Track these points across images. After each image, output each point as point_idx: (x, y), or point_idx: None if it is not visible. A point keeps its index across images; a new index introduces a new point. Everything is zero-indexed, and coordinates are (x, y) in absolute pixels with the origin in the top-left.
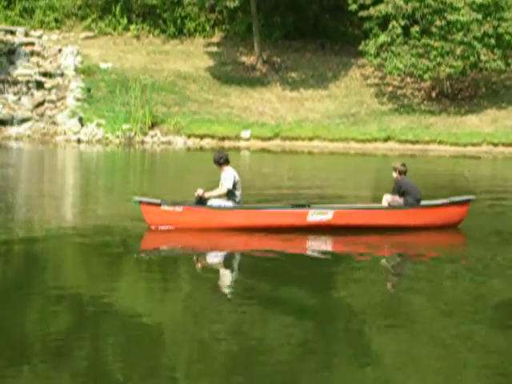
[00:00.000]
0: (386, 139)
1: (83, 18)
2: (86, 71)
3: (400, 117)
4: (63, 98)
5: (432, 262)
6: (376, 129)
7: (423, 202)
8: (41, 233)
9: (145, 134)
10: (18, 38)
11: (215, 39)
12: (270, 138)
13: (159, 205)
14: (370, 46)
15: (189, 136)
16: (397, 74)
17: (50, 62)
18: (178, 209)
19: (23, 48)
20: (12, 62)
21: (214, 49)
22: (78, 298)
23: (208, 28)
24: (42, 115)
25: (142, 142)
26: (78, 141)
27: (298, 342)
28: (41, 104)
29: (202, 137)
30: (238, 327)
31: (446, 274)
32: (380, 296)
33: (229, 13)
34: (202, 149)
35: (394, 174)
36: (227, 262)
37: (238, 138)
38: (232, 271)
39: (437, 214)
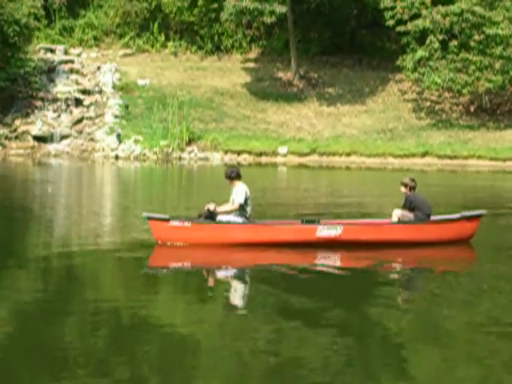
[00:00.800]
0: (424, 154)
1: (121, 36)
2: (124, 88)
3: (438, 132)
4: (102, 114)
5: (451, 276)
6: (414, 144)
7: (433, 217)
8: (79, 247)
9: (182, 150)
10: (58, 56)
11: (252, 55)
12: (307, 154)
13: (168, 220)
14: (408, 60)
15: (226, 152)
16: (435, 88)
17: (89, 80)
18: (187, 224)
19: (63, 66)
20: (52, 80)
21: (251, 65)
22: (116, 311)
23: (245, 44)
24: (80, 132)
25: (180, 158)
26: (116, 157)
27: (335, 358)
28: (79, 121)
29: (239, 153)
30: (274, 341)
31: (468, 290)
32: (410, 312)
33: (266, 29)
34: (239, 165)
35: (403, 189)
36: (253, 278)
37: (275, 153)
38: (258, 286)
39: (447, 229)
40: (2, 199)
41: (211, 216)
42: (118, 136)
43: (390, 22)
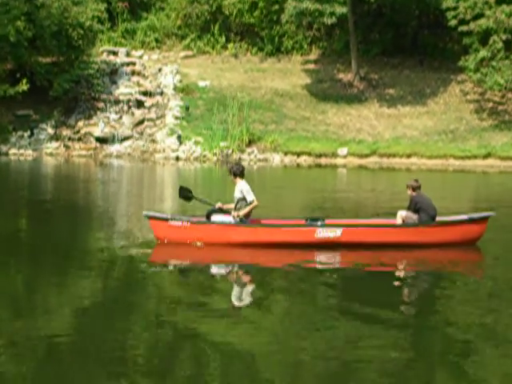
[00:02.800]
0: (486, 156)
1: (183, 38)
2: (185, 90)
3: (501, 133)
4: (162, 116)
5: (484, 281)
6: (475, 145)
7: (439, 219)
8: (139, 249)
9: (242, 151)
10: (120, 59)
11: (312, 57)
12: (367, 155)
13: (167, 220)
14: (470, 61)
15: (286, 153)
16: (497, 89)
17: (150, 81)
18: (186, 224)
19: (125, 68)
20: (114, 82)
21: (312, 66)
22: (173, 315)
23: (305, 45)
24: (141, 133)
25: (239, 159)
26: (177, 158)
27: (395, 361)
28: (141, 122)
29: (298, 154)
30: (333, 343)
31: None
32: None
33: (326, 30)
34: (298, 166)
35: (409, 192)
36: (292, 279)
37: (334, 155)
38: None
39: (452, 231)
40: (66, 199)
41: (208, 216)
42: (179, 137)
43: (453, 22)
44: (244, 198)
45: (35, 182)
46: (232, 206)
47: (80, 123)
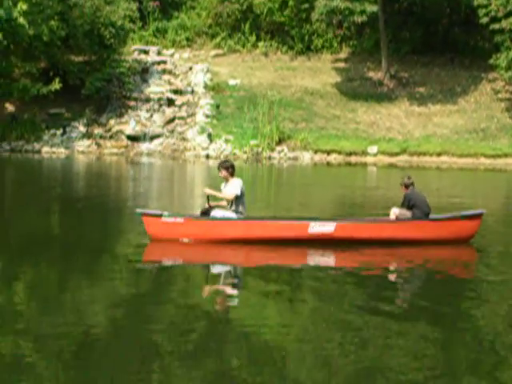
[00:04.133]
0: None
1: (213, 37)
2: (216, 88)
3: None
4: (193, 114)
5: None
6: (507, 144)
7: (432, 216)
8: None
9: (272, 149)
10: (151, 57)
11: (342, 55)
12: (397, 154)
13: (160, 216)
14: (502, 59)
15: (315, 151)
16: None
17: (181, 80)
18: (179, 220)
19: (156, 66)
20: (145, 81)
21: (342, 65)
22: (204, 306)
23: (335, 44)
24: (172, 131)
25: (269, 158)
26: (207, 156)
27: (427, 359)
28: (171, 121)
29: (328, 152)
30: (360, 339)
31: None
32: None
33: (356, 28)
34: (328, 164)
35: (403, 190)
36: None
37: (364, 153)
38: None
39: (445, 227)
40: (98, 196)
41: (207, 212)
42: (209, 135)
43: (484, 20)
44: (241, 195)
45: (67, 180)
46: (217, 193)
47: (111, 121)
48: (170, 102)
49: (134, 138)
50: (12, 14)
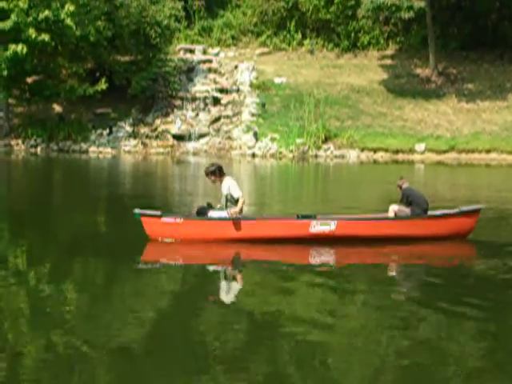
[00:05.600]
0: None
1: (259, 35)
2: (261, 86)
3: None
4: (239, 113)
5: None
6: None
7: (430, 212)
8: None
9: (318, 147)
10: (197, 56)
11: (389, 52)
12: (445, 151)
13: (160, 217)
14: None
15: (362, 149)
16: None
17: (227, 79)
18: (179, 220)
19: (201, 65)
20: (191, 80)
21: (388, 61)
22: (250, 308)
23: (382, 41)
24: (218, 130)
25: (316, 156)
26: (253, 155)
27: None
28: (217, 120)
29: (375, 150)
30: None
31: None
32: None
33: (403, 25)
34: (375, 162)
35: (399, 190)
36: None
37: (412, 151)
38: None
39: (444, 224)
40: (144, 196)
41: (204, 212)
42: (255, 134)
43: None
44: (231, 195)
45: (114, 180)
46: (236, 208)
47: (157, 121)
48: (216, 101)
49: (179, 138)
50: (60, 15)
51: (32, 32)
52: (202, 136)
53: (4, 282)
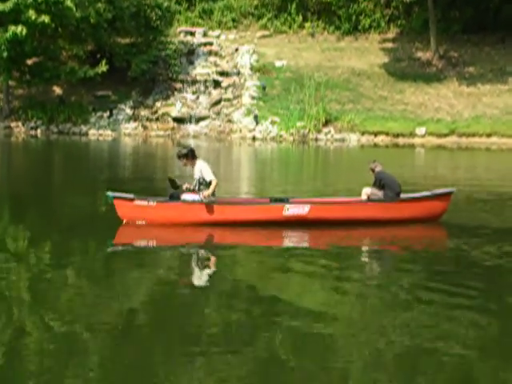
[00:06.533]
0: None
1: (259, 18)
2: (262, 69)
3: None
4: (239, 96)
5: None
6: None
7: (403, 196)
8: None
9: (318, 131)
10: (197, 39)
11: (390, 35)
12: (445, 135)
13: (132, 200)
14: None
15: (362, 133)
16: None
17: (227, 62)
18: (152, 203)
19: (202, 48)
20: (191, 62)
21: (389, 45)
22: (252, 291)
23: (383, 24)
24: (218, 113)
25: (316, 140)
26: (253, 138)
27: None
28: (217, 102)
29: (375, 134)
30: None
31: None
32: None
33: (405, 8)
34: (375, 146)
35: (372, 173)
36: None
37: (412, 134)
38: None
39: (417, 207)
40: (144, 178)
41: (176, 195)
42: (255, 117)
43: None
44: (203, 178)
45: (114, 162)
46: (209, 190)
47: (157, 103)
48: (216, 84)
49: (180, 120)
50: None
51: (32, 13)
52: (202, 119)
53: (3, 264)
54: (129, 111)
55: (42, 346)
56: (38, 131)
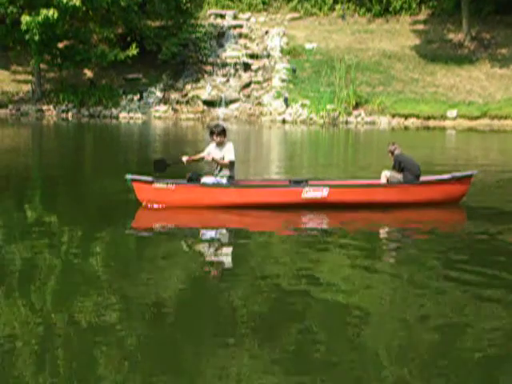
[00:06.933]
0: None
1: (289, 0)
2: (292, 52)
3: None
4: (269, 79)
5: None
6: None
7: (423, 178)
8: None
9: (349, 114)
10: (227, 22)
11: (421, 17)
12: (477, 117)
13: (151, 182)
14: None
15: (393, 116)
16: None
17: (257, 44)
18: (171, 186)
19: (232, 31)
20: (221, 45)
21: (421, 27)
22: (279, 278)
23: (414, 5)
24: (248, 96)
25: (346, 122)
26: (283, 121)
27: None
28: (247, 85)
29: (406, 116)
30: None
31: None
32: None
33: None
34: (406, 128)
35: (390, 157)
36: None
37: (443, 117)
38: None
39: (436, 190)
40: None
41: (196, 178)
42: (285, 100)
43: None
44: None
45: (144, 145)
46: (197, 156)
47: (188, 86)
48: (246, 67)
49: (210, 103)
50: None
51: None
52: (232, 102)
53: (37, 248)
54: (159, 94)
55: (76, 329)
56: (69, 114)
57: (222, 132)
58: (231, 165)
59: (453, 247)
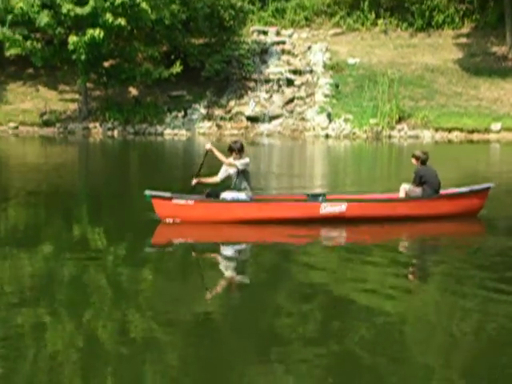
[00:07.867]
0: None
1: (332, 15)
2: (335, 67)
3: None
4: (312, 94)
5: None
6: None
7: (442, 192)
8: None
9: (392, 128)
10: (270, 38)
11: (464, 30)
12: None
13: (170, 198)
14: None
15: (436, 129)
16: None
17: (300, 60)
18: (190, 202)
19: (275, 47)
20: (264, 61)
21: (464, 40)
22: (321, 287)
23: (457, 19)
24: (291, 112)
25: (389, 137)
26: (326, 136)
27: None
28: (291, 101)
29: (450, 130)
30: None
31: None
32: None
33: (479, 2)
34: (450, 142)
35: (414, 161)
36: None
37: (487, 130)
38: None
39: (454, 203)
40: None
41: (214, 194)
42: (329, 115)
43: None
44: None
45: (188, 162)
46: (208, 179)
47: (231, 103)
48: (289, 83)
49: (253, 119)
50: None
51: (109, 16)
52: (275, 117)
53: (82, 263)
54: (203, 111)
55: (122, 339)
56: (115, 132)
57: (242, 149)
58: (245, 178)
59: (478, 259)
